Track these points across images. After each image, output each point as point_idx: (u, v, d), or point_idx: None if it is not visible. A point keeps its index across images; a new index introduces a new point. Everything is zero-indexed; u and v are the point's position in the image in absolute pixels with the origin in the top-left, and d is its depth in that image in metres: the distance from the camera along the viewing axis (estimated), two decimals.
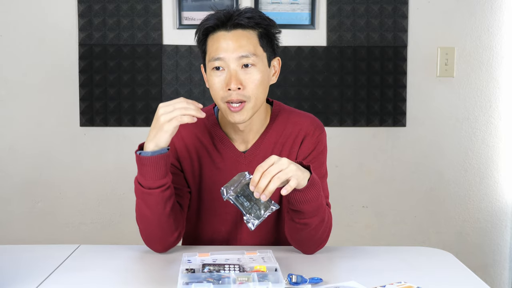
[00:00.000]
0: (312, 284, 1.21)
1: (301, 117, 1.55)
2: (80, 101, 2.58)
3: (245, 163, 1.52)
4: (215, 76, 1.43)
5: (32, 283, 1.24)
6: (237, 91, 1.41)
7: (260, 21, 1.44)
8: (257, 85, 1.43)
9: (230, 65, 1.41)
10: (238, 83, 1.41)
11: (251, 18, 1.43)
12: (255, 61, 1.42)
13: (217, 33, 1.44)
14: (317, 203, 1.36)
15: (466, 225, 2.69)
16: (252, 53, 1.42)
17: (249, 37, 1.43)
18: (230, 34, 1.42)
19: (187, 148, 1.54)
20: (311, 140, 1.52)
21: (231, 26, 1.42)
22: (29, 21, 2.57)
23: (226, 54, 1.41)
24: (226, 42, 1.41)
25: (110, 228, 2.64)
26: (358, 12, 2.59)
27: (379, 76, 2.61)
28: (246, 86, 1.42)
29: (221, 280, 1.15)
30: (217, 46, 1.42)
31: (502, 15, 2.61)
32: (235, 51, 1.41)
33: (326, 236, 1.45)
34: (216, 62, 1.42)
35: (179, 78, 2.59)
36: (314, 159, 1.51)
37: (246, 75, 1.42)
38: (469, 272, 1.34)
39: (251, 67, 1.42)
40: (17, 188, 2.62)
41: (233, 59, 1.41)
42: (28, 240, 2.59)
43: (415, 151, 2.66)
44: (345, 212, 2.67)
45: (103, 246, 1.55)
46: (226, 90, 1.41)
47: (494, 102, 2.65)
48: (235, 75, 1.41)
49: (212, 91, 1.45)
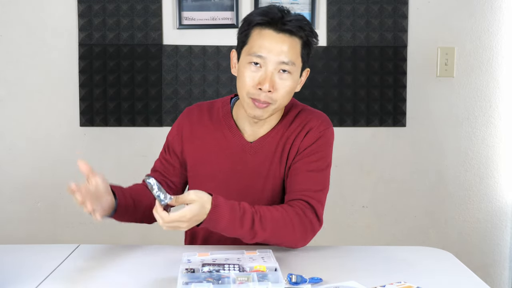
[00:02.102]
0: (312, 284, 1.21)
1: (310, 113, 1.58)
2: (80, 101, 2.58)
3: (251, 153, 1.54)
4: (250, 70, 1.45)
5: (32, 283, 1.24)
6: (266, 92, 1.43)
7: (308, 33, 1.46)
8: (287, 92, 1.46)
9: (269, 66, 1.43)
10: (271, 86, 1.43)
11: (301, 28, 1.44)
12: (292, 70, 1.45)
13: (265, 30, 1.44)
14: (237, 231, 1.36)
15: (466, 225, 2.69)
16: (292, 61, 1.45)
17: (293, 45, 1.45)
18: (278, 37, 1.43)
19: (194, 134, 1.58)
20: (313, 134, 1.53)
21: (281, 29, 1.43)
22: (29, 21, 2.57)
23: (268, 54, 1.43)
24: (271, 43, 1.43)
25: (110, 228, 2.64)
26: (358, 12, 2.59)
27: (379, 76, 2.61)
28: (277, 91, 1.44)
29: (221, 280, 1.15)
30: (261, 43, 1.43)
31: (502, 15, 2.61)
32: (278, 55, 1.43)
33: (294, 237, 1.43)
34: (255, 58, 1.44)
35: (179, 78, 2.59)
36: (312, 152, 1.52)
37: (280, 80, 1.44)
38: (469, 272, 1.34)
39: (287, 74, 1.45)
40: (17, 188, 2.62)
41: (273, 61, 1.43)
42: (28, 240, 2.59)
43: (415, 151, 2.66)
44: (345, 212, 2.67)
45: (103, 246, 1.55)
46: (256, 88, 1.44)
47: (494, 102, 2.65)
48: (271, 77, 1.43)
49: (240, 82, 1.47)
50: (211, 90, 2.59)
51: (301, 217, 1.43)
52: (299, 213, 1.43)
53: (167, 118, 2.58)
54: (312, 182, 1.50)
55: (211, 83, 2.59)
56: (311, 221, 1.45)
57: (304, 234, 1.43)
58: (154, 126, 2.59)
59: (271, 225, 1.38)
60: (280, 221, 1.40)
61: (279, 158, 1.54)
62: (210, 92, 2.59)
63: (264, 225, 1.37)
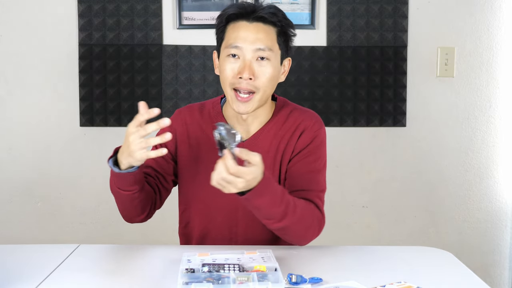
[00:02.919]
0: (312, 284, 1.21)
1: (302, 112, 1.58)
2: (80, 101, 2.58)
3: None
4: (229, 62, 1.47)
5: (32, 283, 1.24)
6: (247, 80, 1.45)
7: (282, 19, 1.49)
8: (268, 79, 1.47)
9: (246, 55, 1.46)
10: (251, 73, 1.45)
11: (274, 14, 1.47)
12: (270, 56, 1.47)
13: (238, 22, 1.48)
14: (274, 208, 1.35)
15: (466, 225, 2.69)
16: (269, 47, 1.46)
17: (268, 32, 1.47)
18: (251, 26, 1.46)
19: (188, 134, 1.58)
20: (308, 134, 1.54)
21: (254, 19, 1.47)
22: (29, 21, 2.57)
23: (244, 44, 1.45)
24: (246, 32, 1.46)
25: (110, 228, 2.64)
26: (358, 12, 2.59)
27: (379, 76, 2.61)
28: (258, 78, 1.46)
29: (221, 280, 1.15)
30: (236, 34, 1.46)
31: (502, 15, 2.61)
32: (253, 43, 1.45)
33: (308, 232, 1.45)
34: (232, 49, 1.46)
35: (179, 78, 2.59)
36: (310, 153, 1.53)
37: (259, 67, 1.46)
38: (469, 272, 1.34)
39: (266, 61, 1.47)
40: (17, 188, 2.62)
41: (250, 49, 1.45)
42: (28, 240, 2.59)
43: (415, 151, 2.66)
44: (345, 212, 2.67)
45: (103, 246, 1.55)
46: (237, 78, 1.45)
47: (494, 102, 2.65)
48: (249, 65, 1.45)
49: (222, 76, 1.49)
50: (211, 90, 2.59)
51: (315, 212, 1.47)
52: (313, 208, 1.47)
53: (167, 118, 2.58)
54: (313, 182, 1.51)
55: (211, 83, 2.59)
56: (319, 219, 1.48)
57: (317, 229, 1.47)
58: None
59: (300, 211, 1.40)
60: (306, 209, 1.43)
61: (273, 156, 1.54)
62: (210, 92, 2.59)
63: (295, 209, 1.39)
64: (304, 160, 1.52)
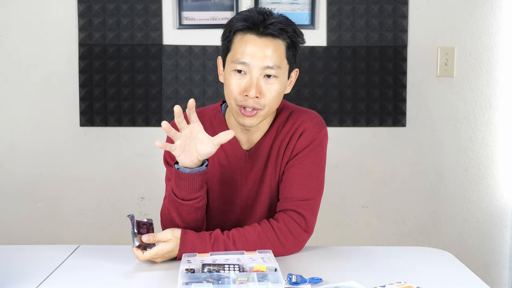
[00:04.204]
0: (312, 284, 1.21)
1: (302, 113, 1.54)
2: (80, 101, 2.58)
3: (249, 162, 1.53)
4: (235, 78, 1.42)
5: (32, 283, 1.24)
6: (254, 98, 1.41)
7: (292, 35, 1.44)
8: (275, 96, 1.44)
9: (254, 72, 1.41)
10: (258, 91, 1.41)
11: (283, 31, 1.42)
12: (278, 73, 1.42)
13: (246, 35, 1.42)
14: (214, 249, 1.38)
15: (466, 225, 2.69)
16: (278, 65, 1.42)
17: (277, 48, 1.42)
18: (260, 41, 1.41)
19: None
20: (307, 136, 1.50)
21: (263, 33, 1.41)
22: (29, 21, 2.57)
23: (252, 60, 1.40)
24: (254, 48, 1.40)
25: (110, 228, 2.64)
26: (358, 12, 2.59)
27: (379, 76, 2.61)
28: (264, 96, 1.42)
29: (221, 280, 1.15)
30: (244, 49, 1.41)
31: (502, 15, 2.61)
32: (262, 60, 1.40)
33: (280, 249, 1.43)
34: (239, 65, 1.41)
35: (179, 78, 2.59)
36: (307, 155, 1.50)
37: (266, 85, 1.42)
38: (469, 272, 1.34)
39: (273, 79, 1.42)
40: (17, 188, 2.62)
41: (257, 67, 1.41)
42: (28, 240, 2.59)
43: (415, 151, 2.66)
44: (345, 212, 2.67)
45: (103, 246, 1.55)
46: (243, 95, 1.41)
47: (494, 102, 2.65)
48: (257, 83, 1.41)
49: (227, 90, 1.45)
50: (211, 90, 2.59)
51: (284, 233, 1.43)
52: (282, 229, 1.43)
53: (167, 118, 2.58)
54: (305, 190, 1.47)
55: (211, 83, 2.59)
56: (295, 235, 1.44)
57: (288, 248, 1.43)
58: (154, 126, 2.59)
59: (244, 246, 1.39)
60: (257, 241, 1.40)
61: (274, 163, 1.52)
62: (210, 92, 2.59)
63: (238, 247, 1.39)
64: (298, 165, 1.49)
